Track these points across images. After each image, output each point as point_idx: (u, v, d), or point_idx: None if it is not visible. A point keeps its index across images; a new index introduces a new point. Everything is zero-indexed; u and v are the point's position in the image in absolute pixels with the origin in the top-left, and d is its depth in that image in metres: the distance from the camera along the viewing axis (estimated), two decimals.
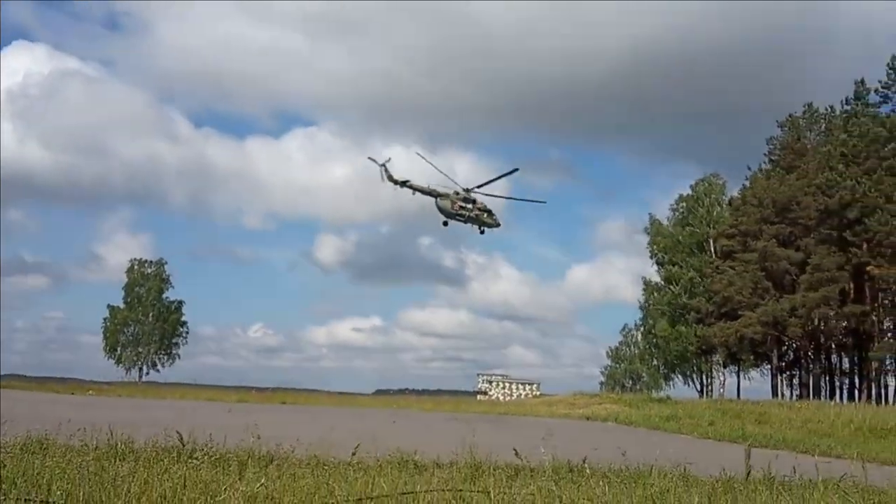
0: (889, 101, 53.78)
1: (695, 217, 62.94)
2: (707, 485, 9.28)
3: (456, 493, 6.73)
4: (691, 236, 62.60)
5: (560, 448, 11.97)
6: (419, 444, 11.82)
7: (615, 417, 35.56)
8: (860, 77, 54.64)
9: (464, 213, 33.86)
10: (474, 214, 34.17)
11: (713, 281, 56.22)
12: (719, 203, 64.25)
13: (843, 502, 8.37)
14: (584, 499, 7.14)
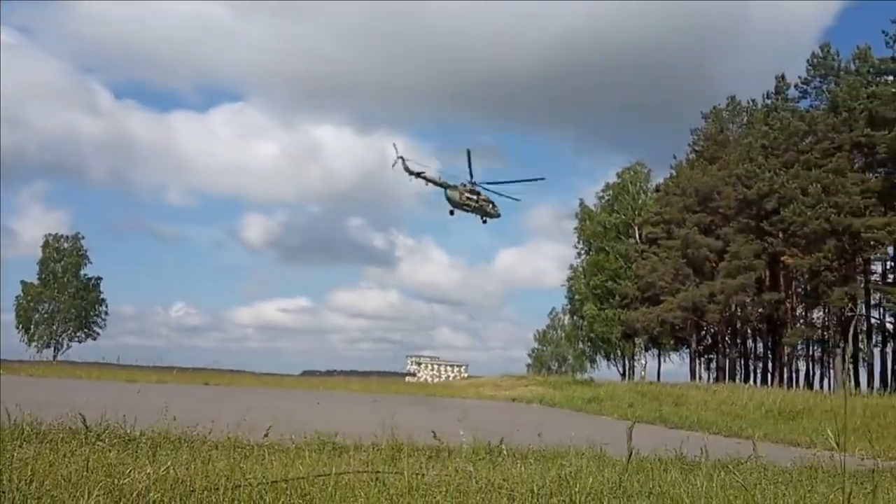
0: (808, 96, 55.82)
1: (621, 204, 64.24)
2: (620, 464, 9.52)
3: (371, 474, 6.74)
4: (618, 223, 63.84)
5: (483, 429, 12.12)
6: (342, 425, 11.77)
7: (540, 399, 36.25)
8: (781, 72, 56.57)
9: (470, 204, 36.45)
10: (479, 205, 36.67)
11: (637, 266, 57.61)
12: (644, 191, 65.76)
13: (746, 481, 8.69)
14: (499, 478, 7.24)
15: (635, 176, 66.07)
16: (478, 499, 5.98)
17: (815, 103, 54.91)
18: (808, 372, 59.04)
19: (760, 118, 56.26)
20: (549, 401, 34.92)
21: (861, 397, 35.85)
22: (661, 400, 32.28)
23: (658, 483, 8.00)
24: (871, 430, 20.45)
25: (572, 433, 10.27)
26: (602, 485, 7.39)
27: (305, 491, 5.94)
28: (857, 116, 47.73)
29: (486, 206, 37.45)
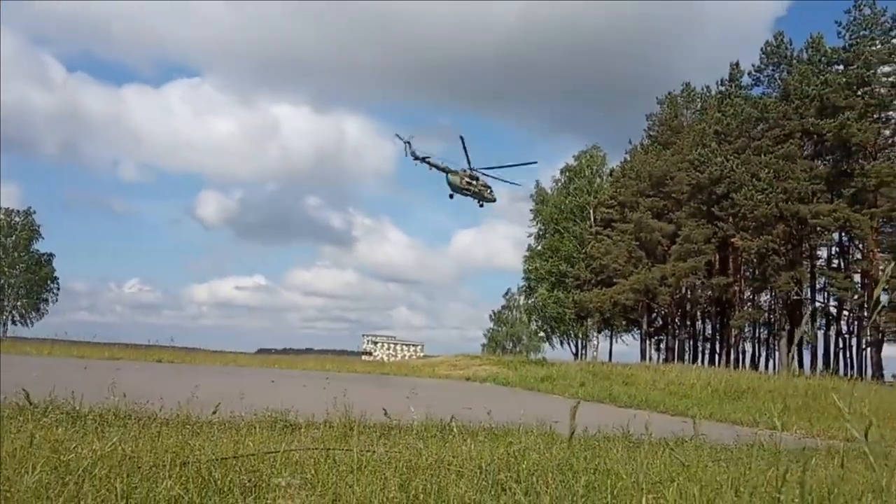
0: (761, 83, 56.91)
1: (577, 187, 64.73)
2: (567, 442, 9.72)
3: (321, 451, 6.79)
4: (573, 205, 64.31)
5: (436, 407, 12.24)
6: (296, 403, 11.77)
7: (494, 378, 36.60)
8: (735, 60, 57.47)
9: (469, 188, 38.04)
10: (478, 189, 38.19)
11: (591, 249, 58.24)
12: (600, 175, 66.35)
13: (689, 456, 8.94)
14: (449, 455, 7.35)
15: (591, 159, 66.60)
16: (426, 475, 6.07)
17: (767, 91, 56.07)
18: (754, 353, 60.64)
19: (714, 105, 57.13)
20: (503, 380, 35.27)
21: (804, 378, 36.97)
22: (611, 379, 32.83)
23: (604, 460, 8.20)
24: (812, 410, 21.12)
25: (522, 411, 10.44)
26: (549, 461, 7.56)
27: (254, 467, 5.97)
28: (807, 104, 48.77)
29: (485, 191, 39.29)
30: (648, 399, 24.98)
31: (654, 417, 18.78)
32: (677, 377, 32.15)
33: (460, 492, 5.55)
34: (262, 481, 5.65)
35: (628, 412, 16.87)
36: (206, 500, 4.95)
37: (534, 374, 36.59)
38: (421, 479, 5.75)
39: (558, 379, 33.82)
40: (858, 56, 47.51)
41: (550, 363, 46.61)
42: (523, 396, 25.21)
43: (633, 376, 33.61)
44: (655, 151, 59.13)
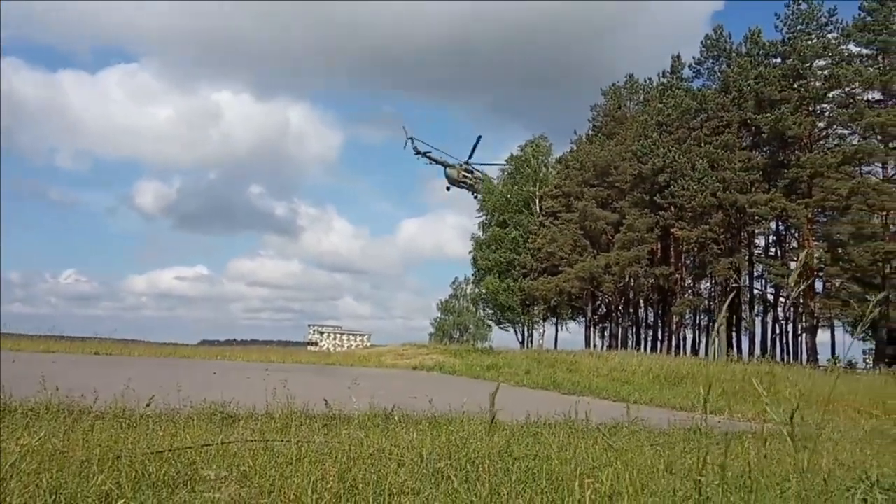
0: (701, 76, 58.11)
1: (522, 177, 65.09)
2: (509, 429, 9.83)
3: (260, 442, 6.74)
4: (519, 195, 64.66)
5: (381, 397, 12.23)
6: (237, 394, 11.64)
7: (440, 367, 36.69)
8: (677, 52, 58.56)
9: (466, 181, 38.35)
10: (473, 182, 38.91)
11: (538, 238, 58.76)
12: (546, 165, 66.83)
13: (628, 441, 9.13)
14: (390, 445, 7.36)
15: (537, 149, 66.98)
16: (367, 465, 6.07)
17: (707, 83, 57.27)
18: (695, 340, 62.07)
19: (656, 96, 58.08)
20: (450, 369, 35.38)
21: (742, 364, 38.01)
22: (556, 367, 33.23)
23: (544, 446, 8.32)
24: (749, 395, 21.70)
25: (465, 399, 10.50)
26: (490, 449, 7.63)
27: (191, 460, 5.89)
28: (745, 96, 49.94)
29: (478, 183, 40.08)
30: (591, 385, 25.36)
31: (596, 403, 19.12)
32: (620, 364, 32.72)
33: (400, 480, 5.57)
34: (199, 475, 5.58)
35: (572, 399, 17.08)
36: (140, 495, 4.87)
37: (480, 363, 36.81)
38: (361, 469, 5.74)
39: (504, 367, 34.08)
40: (794, 50, 48.77)
41: (497, 351, 46.95)
42: (469, 385, 25.34)
43: (577, 363, 34.08)
44: (600, 142, 59.89)
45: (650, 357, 37.91)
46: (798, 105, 47.81)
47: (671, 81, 57.63)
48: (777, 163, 49.30)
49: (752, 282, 56.30)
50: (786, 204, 45.92)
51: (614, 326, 62.46)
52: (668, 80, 58.14)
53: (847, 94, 47.34)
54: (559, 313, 63.73)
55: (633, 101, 64.57)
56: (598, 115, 65.63)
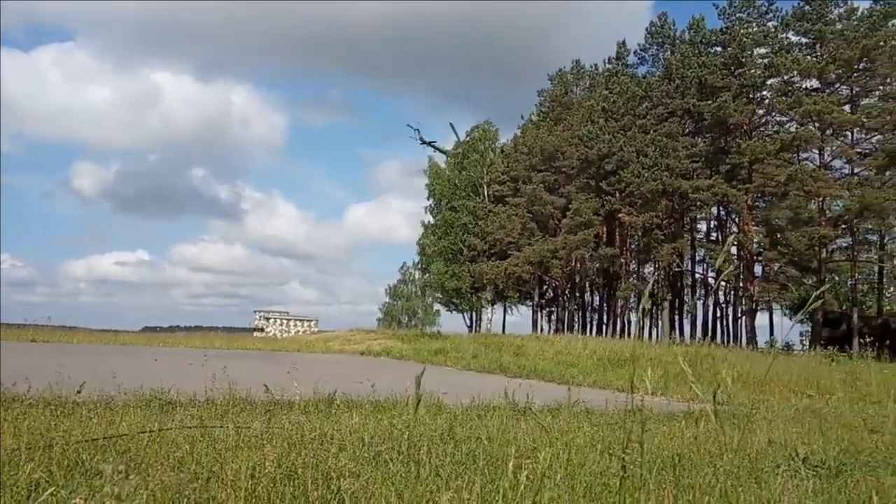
0: (646, 62, 58.96)
1: (470, 162, 65.23)
2: (453, 412, 9.90)
3: (199, 429, 6.65)
4: (467, 180, 64.82)
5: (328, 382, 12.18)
6: (179, 381, 11.46)
7: (388, 352, 36.65)
8: (622, 39, 59.27)
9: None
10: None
11: (486, 223, 59.05)
12: (493, 150, 67.07)
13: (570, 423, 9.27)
14: (332, 429, 7.35)
15: (484, 134, 67.16)
16: (308, 449, 6.04)
17: (651, 70, 58.10)
18: (639, 323, 63.31)
19: (602, 82, 58.73)
20: (398, 354, 35.38)
21: (683, 346, 38.88)
22: (502, 350, 33.48)
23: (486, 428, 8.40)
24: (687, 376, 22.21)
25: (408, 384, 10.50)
26: (433, 432, 7.68)
27: (126, 448, 5.79)
28: (688, 84, 50.79)
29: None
30: (537, 369, 25.64)
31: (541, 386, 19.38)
32: (565, 347, 33.10)
33: (340, 464, 5.56)
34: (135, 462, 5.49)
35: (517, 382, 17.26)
36: (72, 483, 4.76)
37: (428, 348, 36.87)
38: (300, 454, 5.72)
39: (451, 351, 34.20)
40: (735, 38, 49.72)
41: (445, 336, 47.08)
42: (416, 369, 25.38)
43: (524, 347, 34.38)
44: (547, 127, 60.33)
45: (595, 340, 38.46)
46: (738, 93, 48.83)
47: (616, 68, 58.32)
48: (718, 149, 50.33)
49: (694, 266, 57.60)
50: (727, 190, 46.93)
51: (561, 310, 63.30)
52: (614, 66, 58.81)
53: (785, 82, 48.50)
54: (507, 297, 64.25)
55: (580, 86, 65.12)
56: (544, 100, 66.09)
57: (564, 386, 17.13)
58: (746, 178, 47.78)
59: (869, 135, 46.68)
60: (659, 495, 4.54)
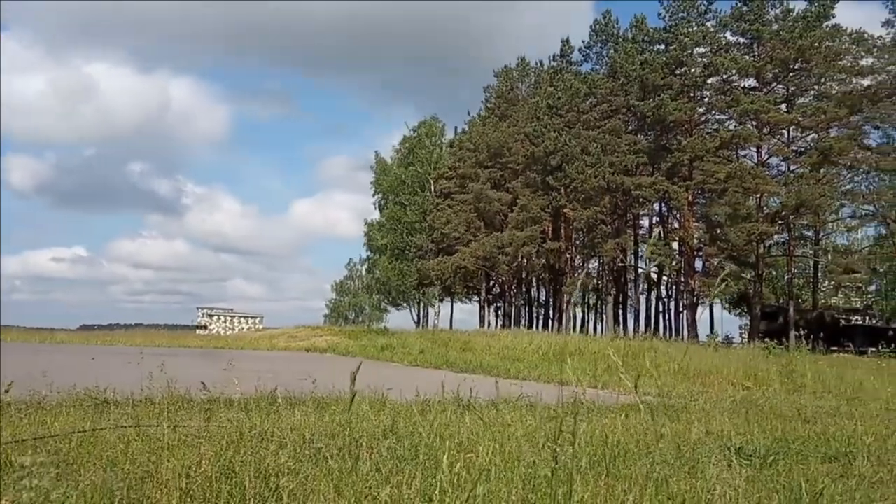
0: (590, 60, 59.68)
1: (416, 157, 65.20)
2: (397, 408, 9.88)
3: (134, 428, 6.50)
4: (413, 176, 64.79)
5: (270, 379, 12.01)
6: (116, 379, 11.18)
7: (334, 349, 36.48)
8: (566, 36, 59.85)
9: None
10: None
11: (432, 219, 59.10)
12: (440, 145, 67.17)
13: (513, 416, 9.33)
14: (273, 427, 7.26)
15: (431, 130, 67.22)
16: (247, 447, 5.95)
17: (595, 68, 58.83)
18: (584, 318, 64.26)
19: (547, 79, 59.25)
20: (343, 350, 35.23)
21: (626, 339, 39.49)
22: (449, 346, 33.56)
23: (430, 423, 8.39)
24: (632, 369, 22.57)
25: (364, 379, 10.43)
26: (376, 428, 7.64)
27: (57, 448, 5.62)
28: (631, 82, 51.56)
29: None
30: (483, 363, 25.76)
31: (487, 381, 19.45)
32: (511, 342, 33.32)
33: (280, 462, 5.50)
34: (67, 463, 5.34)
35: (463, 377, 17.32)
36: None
37: (374, 344, 36.79)
38: (239, 452, 5.63)
39: (398, 347, 34.16)
40: (676, 37, 50.68)
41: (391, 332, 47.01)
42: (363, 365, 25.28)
43: (470, 342, 34.52)
44: (493, 123, 60.60)
45: (541, 335, 38.81)
46: (679, 91, 49.77)
47: (561, 65, 58.92)
48: (660, 147, 51.25)
49: (637, 261, 58.55)
50: (668, 186, 47.82)
51: (507, 306, 63.71)
52: (559, 63, 59.40)
53: (724, 81, 49.67)
54: (454, 293, 64.45)
55: (525, 83, 65.59)
56: (490, 96, 66.37)
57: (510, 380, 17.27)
58: (687, 175, 48.77)
59: (804, 133, 48.12)
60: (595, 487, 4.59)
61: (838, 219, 51.77)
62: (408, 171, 65.06)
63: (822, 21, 45.98)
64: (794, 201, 42.90)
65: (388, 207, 67.16)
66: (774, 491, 5.15)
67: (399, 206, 64.94)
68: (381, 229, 66.91)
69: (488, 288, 63.99)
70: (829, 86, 46.70)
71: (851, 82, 46.04)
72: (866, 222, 51.38)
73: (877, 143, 48.22)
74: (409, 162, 65.63)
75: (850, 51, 45.55)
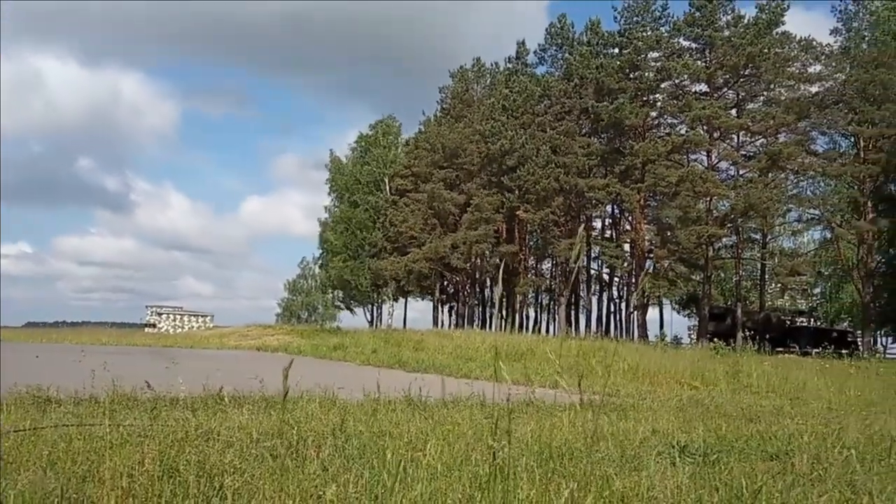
0: (545, 62, 60.13)
1: (372, 156, 64.98)
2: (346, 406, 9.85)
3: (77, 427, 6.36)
4: (369, 175, 64.55)
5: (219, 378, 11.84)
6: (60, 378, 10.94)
7: (286, 348, 36.20)
8: (522, 38, 60.31)
9: None
10: None
11: (387, 218, 58.96)
12: (395, 145, 67.04)
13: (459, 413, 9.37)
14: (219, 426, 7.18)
15: (387, 129, 67.05)
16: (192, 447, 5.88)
17: (550, 70, 59.31)
18: (537, 318, 64.78)
19: (502, 80, 59.56)
20: (296, 349, 34.98)
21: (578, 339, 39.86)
22: (402, 345, 33.53)
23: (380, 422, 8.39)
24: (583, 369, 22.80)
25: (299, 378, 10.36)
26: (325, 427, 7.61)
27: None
28: (586, 85, 52.08)
29: None
30: (436, 363, 25.80)
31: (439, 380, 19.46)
32: (464, 342, 33.41)
33: (225, 461, 5.44)
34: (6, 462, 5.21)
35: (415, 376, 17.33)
36: None
37: (327, 343, 36.61)
38: (184, 451, 5.56)
39: (351, 347, 34.04)
40: (630, 42, 51.36)
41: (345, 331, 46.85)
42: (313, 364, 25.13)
43: (424, 342, 34.53)
44: (448, 124, 60.68)
45: (493, 334, 39.01)
46: (633, 95, 50.43)
47: (516, 67, 59.28)
48: (614, 149, 51.88)
49: (589, 262, 59.13)
50: (621, 189, 48.40)
51: (461, 306, 63.85)
52: (514, 65, 59.75)
53: (677, 85, 50.46)
54: (408, 292, 64.38)
55: (481, 84, 65.80)
56: (446, 96, 66.43)
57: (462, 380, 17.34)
58: (639, 178, 49.41)
59: (753, 138, 49.13)
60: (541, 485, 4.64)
61: (785, 222, 52.99)
62: (363, 169, 64.77)
63: (772, 28, 46.98)
64: (742, 205, 43.76)
65: (343, 206, 66.80)
66: (715, 488, 5.26)
67: (354, 205, 64.63)
68: (335, 228, 66.49)
69: (442, 287, 64.08)
70: (778, 92, 47.73)
71: (800, 89, 47.13)
72: (812, 226, 52.79)
73: (823, 148, 49.55)
74: (365, 161, 65.35)
75: (798, 58, 46.63)
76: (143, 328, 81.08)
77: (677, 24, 50.89)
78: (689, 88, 50.32)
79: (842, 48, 48.08)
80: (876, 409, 12.71)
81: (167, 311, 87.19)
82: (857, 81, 43.82)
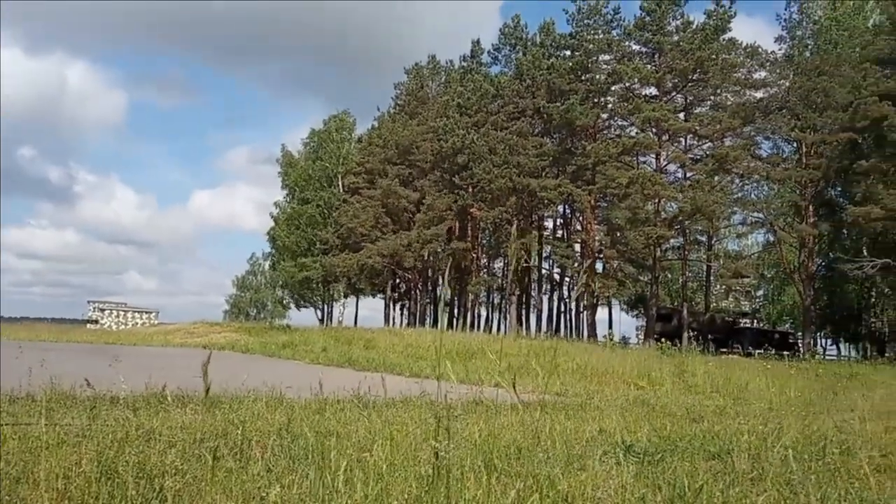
0: (499, 62, 60.45)
1: (325, 152, 64.48)
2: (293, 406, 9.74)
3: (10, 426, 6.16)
4: (322, 171, 64.05)
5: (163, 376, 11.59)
6: None
7: (233, 346, 35.69)
8: (477, 37, 60.50)
9: None
10: None
11: (340, 214, 58.60)
12: (349, 140, 66.63)
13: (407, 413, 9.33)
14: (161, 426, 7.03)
15: (341, 124, 66.60)
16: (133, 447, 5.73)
17: (504, 69, 59.63)
18: (488, 317, 65.05)
19: (457, 79, 59.68)
20: (243, 347, 34.52)
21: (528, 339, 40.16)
22: (352, 344, 33.32)
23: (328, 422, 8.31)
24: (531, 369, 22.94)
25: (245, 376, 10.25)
26: (270, 427, 7.50)
27: None
28: (538, 85, 52.46)
29: None
30: (387, 362, 25.68)
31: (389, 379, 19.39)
32: (415, 340, 33.35)
33: (166, 462, 5.32)
34: None
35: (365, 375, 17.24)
36: None
37: (275, 341, 36.20)
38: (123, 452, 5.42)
39: (300, 345, 33.71)
40: (582, 44, 51.90)
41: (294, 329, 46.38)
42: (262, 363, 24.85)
43: (374, 340, 34.38)
44: (402, 121, 60.58)
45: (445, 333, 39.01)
46: (585, 97, 50.95)
47: (471, 65, 59.45)
48: (565, 150, 52.38)
49: (541, 262, 59.69)
50: (572, 189, 48.88)
51: (413, 304, 63.80)
52: (469, 63, 59.92)
53: (627, 88, 51.15)
54: (360, 290, 64.08)
55: (436, 81, 65.87)
56: (401, 93, 66.33)
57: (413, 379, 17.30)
58: (591, 179, 49.97)
59: (700, 141, 50.12)
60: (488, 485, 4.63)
61: (730, 225, 54.18)
62: (315, 165, 64.22)
63: (719, 34, 47.95)
64: (690, 207, 44.56)
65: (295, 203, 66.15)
66: (658, 487, 5.32)
67: (305, 201, 64.04)
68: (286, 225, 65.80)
69: (394, 285, 63.93)
70: (725, 97, 48.80)
71: (745, 94, 48.23)
72: (755, 229, 54.09)
73: (767, 153, 50.84)
74: (318, 156, 64.80)
75: (744, 64, 47.73)
76: (85, 324, 79.28)
77: (628, 28, 51.59)
78: (639, 91, 51.06)
79: (786, 56, 49.37)
80: (815, 409, 13.02)
81: (110, 307, 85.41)
82: (800, 88, 45.05)
